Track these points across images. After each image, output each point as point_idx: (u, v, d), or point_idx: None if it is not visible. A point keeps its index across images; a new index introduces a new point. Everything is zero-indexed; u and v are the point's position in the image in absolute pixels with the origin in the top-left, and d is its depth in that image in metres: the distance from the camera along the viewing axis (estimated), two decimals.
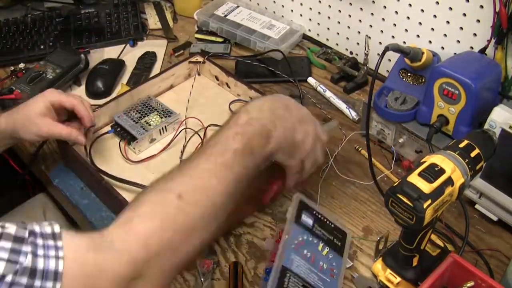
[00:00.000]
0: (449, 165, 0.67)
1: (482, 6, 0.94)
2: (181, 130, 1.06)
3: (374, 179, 0.88)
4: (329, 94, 1.16)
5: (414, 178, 0.66)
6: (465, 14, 0.98)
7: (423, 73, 0.97)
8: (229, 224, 0.91)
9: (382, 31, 1.16)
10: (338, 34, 1.26)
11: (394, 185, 0.67)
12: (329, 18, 1.26)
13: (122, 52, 1.32)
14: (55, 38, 1.36)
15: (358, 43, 1.23)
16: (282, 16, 1.36)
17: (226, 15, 1.36)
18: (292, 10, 1.34)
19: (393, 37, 1.14)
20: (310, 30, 1.33)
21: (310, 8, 1.29)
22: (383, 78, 1.05)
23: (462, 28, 1.00)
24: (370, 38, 1.14)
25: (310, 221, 0.84)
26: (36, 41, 1.34)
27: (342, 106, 1.13)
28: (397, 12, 1.10)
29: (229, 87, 1.16)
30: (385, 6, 1.12)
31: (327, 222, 0.86)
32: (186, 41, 1.36)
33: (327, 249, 0.83)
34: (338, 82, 1.21)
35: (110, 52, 1.33)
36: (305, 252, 0.80)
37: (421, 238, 0.72)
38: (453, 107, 0.89)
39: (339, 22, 1.24)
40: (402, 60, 0.98)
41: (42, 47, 1.33)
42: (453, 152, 0.69)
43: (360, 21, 1.19)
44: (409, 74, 0.99)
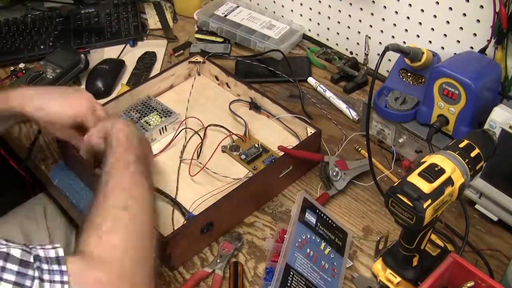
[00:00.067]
0: (449, 165, 0.67)
1: (482, 6, 0.94)
2: (181, 130, 1.06)
3: (374, 179, 0.88)
4: (329, 94, 1.16)
5: (414, 178, 0.66)
6: (465, 14, 0.98)
7: (423, 73, 0.97)
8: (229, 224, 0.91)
9: (382, 31, 1.16)
10: (338, 34, 1.26)
11: (394, 185, 0.67)
12: (329, 18, 1.26)
13: (122, 52, 1.32)
14: (55, 38, 1.35)
15: (358, 43, 1.23)
16: (282, 16, 1.36)
17: (226, 15, 1.36)
18: (292, 10, 1.34)
19: (393, 37, 1.14)
20: (310, 30, 1.33)
21: (310, 8, 1.29)
22: (383, 78, 1.05)
23: (462, 28, 1.00)
24: (370, 38, 1.14)
25: (313, 219, 0.83)
26: (36, 41, 1.35)
27: (342, 106, 1.13)
28: (397, 12, 1.10)
29: (229, 87, 1.16)
30: (385, 6, 1.12)
31: (329, 221, 0.86)
32: (186, 41, 1.36)
33: (329, 248, 0.83)
34: (338, 82, 1.21)
35: (110, 52, 1.33)
36: (308, 250, 0.80)
37: (421, 238, 0.72)
38: (453, 107, 0.89)
39: (339, 22, 1.24)
40: (402, 60, 0.98)
41: (42, 47, 1.33)
42: (453, 152, 0.69)
43: (360, 21, 1.19)
44: (409, 74, 0.99)
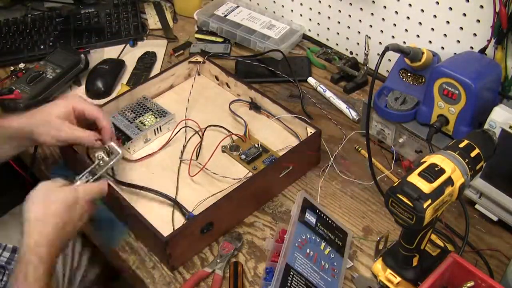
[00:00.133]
0: (449, 165, 0.67)
1: (482, 6, 0.94)
2: (179, 130, 1.06)
3: (374, 179, 0.88)
4: (329, 94, 1.16)
5: (414, 178, 0.66)
6: (465, 14, 0.98)
7: (423, 73, 0.97)
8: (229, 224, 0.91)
9: (382, 31, 1.16)
10: (338, 34, 1.26)
11: (394, 185, 0.67)
12: (329, 18, 1.26)
13: (122, 52, 1.32)
14: (55, 38, 1.36)
15: (358, 43, 1.23)
16: (282, 16, 1.36)
17: (226, 15, 1.36)
18: (292, 10, 1.34)
19: (393, 37, 1.14)
20: (310, 30, 1.33)
21: (310, 8, 1.29)
22: (383, 78, 1.05)
23: (462, 28, 1.00)
24: (370, 38, 1.14)
25: (313, 219, 0.83)
26: (36, 41, 1.35)
27: (342, 106, 1.13)
28: (397, 12, 1.10)
29: (229, 87, 1.16)
30: (385, 6, 1.12)
31: (329, 222, 0.86)
32: (186, 41, 1.36)
33: (329, 248, 0.83)
34: (338, 82, 1.21)
35: (110, 52, 1.33)
36: (308, 250, 0.80)
37: (421, 238, 0.72)
38: (453, 107, 0.89)
39: (339, 22, 1.24)
40: (402, 60, 0.98)
41: (42, 47, 1.33)
42: (453, 152, 0.69)
43: (360, 21, 1.19)
44: (409, 74, 0.99)
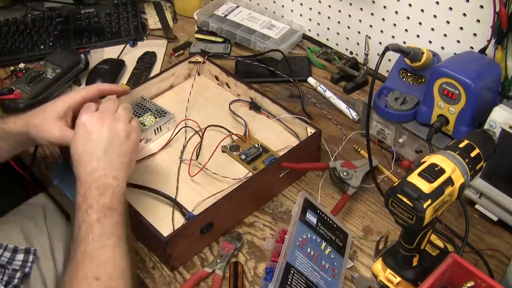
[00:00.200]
0: (449, 165, 0.67)
1: (482, 6, 0.94)
2: (179, 130, 1.06)
3: (374, 179, 0.88)
4: (329, 94, 1.16)
5: (414, 178, 0.66)
6: (465, 14, 0.98)
7: (423, 73, 0.97)
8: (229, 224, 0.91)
9: (382, 31, 1.16)
10: (338, 34, 1.26)
11: (394, 185, 0.67)
12: (329, 18, 1.26)
13: (122, 52, 1.32)
14: (55, 38, 1.36)
15: (358, 43, 1.23)
16: (282, 16, 1.36)
17: (226, 15, 1.36)
18: (292, 10, 1.34)
19: (393, 37, 1.14)
20: (310, 30, 1.33)
21: (310, 8, 1.29)
22: (383, 78, 1.05)
23: (462, 28, 1.00)
24: (370, 38, 1.14)
25: (314, 219, 0.83)
26: (36, 41, 1.34)
27: (342, 106, 1.13)
28: (397, 12, 1.10)
29: (229, 87, 1.16)
30: (385, 6, 1.12)
31: (330, 222, 0.86)
32: (186, 41, 1.36)
33: (329, 248, 0.83)
34: (338, 82, 1.21)
35: (110, 52, 1.33)
36: (308, 250, 0.80)
37: (421, 238, 0.72)
38: (453, 107, 0.89)
39: (339, 22, 1.24)
40: (402, 60, 0.98)
41: (42, 47, 1.33)
42: (453, 152, 0.69)
43: (360, 21, 1.19)
44: (409, 74, 0.99)
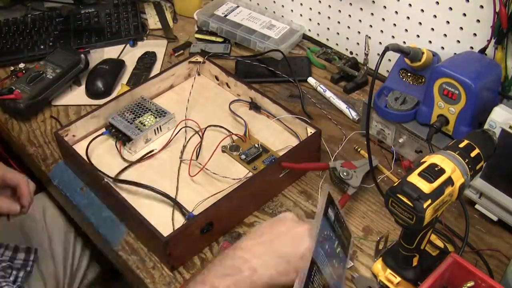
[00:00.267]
0: (449, 165, 0.67)
1: (482, 6, 0.94)
2: (179, 130, 1.06)
3: (374, 179, 0.88)
4: (329, 94, 1.16)
5: (414, 178, 0.66)
6: (465, 14, 0.98)
7: (423, 73, 0.97)
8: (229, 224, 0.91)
9: (382, 31, 1.16)
10: (338, 34, 1.26)
11: (394, 185, 0.67)
12: (329, 18, 1.26)
13: (122, 52, 1.32)
14: (55, 38, 1.35)
15: (358, 43, 1.23)
16: (282, 16, 1.36)
17: (226, 15, 1.36)
18: (292, 10, 1.34)
19: (393, 37, 1.14)
20: (310, 30, 1.33)
21: (310, 8, 1.29)
22: (383, 78, 1.05)
23: (462, 28, 1.00)
24: (370, 38, 1.14)
25: (333, 216, 0.79)
26: (36, 41, 1.34)
27: (342, 106, 1.13)
28: (397, 12, 1.10)
29: (229, 87, 1.16)
30: (385, 6, 1.12)
31: (342, 220, 0.82)
32: (186, 41, 1.36)
33: (340, 247, 0.80)
34: (338, 82, 1.21)
35: (110, 52, 1.33)
36: (326, 247, 0.75)
37: (421, 238, 0.72)
38: (453, 107, 0.89)
39: (339, 22, 1.24)
40: (402, 60, 0.98)
41: (42, 47, 1.33)
42: (453, 152, 0.69)
43: (360, 21, 1.19)
44: (409, 74, 0.99)
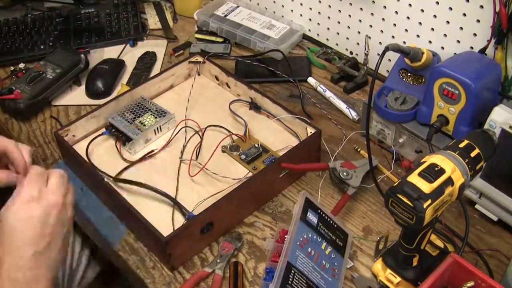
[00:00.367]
0: (449, 165, 0.67)
1: (482, 6, 0.94)
2: (179, 130, 1.06)
3: (374, 179, 0.88)
4: (329, 94, 1.16)
5: (414, 178, 0.66)
6: (465, 14, 0.98)
7: (423, 73, 0.97)
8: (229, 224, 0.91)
9: (382, 31, 1.16)
10: (338, 34, 1.26)
11: (394, 185, 0.67)
12: (329, 18, 1.26)
13: (122, 52, 1.32)
14: (55, 38, 1.35)
15: (358, 43, 1.23)
16: (282, 16, 1.36)
17: (226, 15, 1.36)
18: (292, 10, 1.34)
19: (393, 37, 1.14)
20: (310, 30, 1.33)
21: (310, 8, 1.29)
22: (383, 78, 1.05)
23: (462, 28, 1.00)
24: (370, 38, 1.14)
25: (315, 219, 0.83)
26: (36, 41, 1.34)
27: (342, 106, 1.13)
28: (397, 12, 1.10)
29: (229, 87, 1.16)
30: (385, 6, 1.12)
31: (331, 222, 0.86)
32: (186, 41, 1.36)
33: (330, 248, 0.83)
34: (338, 82, 1.21)
35: (110, 52, 1.33)
36: (309, 250, 0.80)
37: (421, 238, 0.72)
38: (453, 107, 0.89)
39: (339, 22, 1.24)
40: (402, 60, 0.98)
41: (42, 47, 1.33)
42: (453, 152, 0.69)
43: (360, 21, 1.19)
44: (409, 74, 0.99)
